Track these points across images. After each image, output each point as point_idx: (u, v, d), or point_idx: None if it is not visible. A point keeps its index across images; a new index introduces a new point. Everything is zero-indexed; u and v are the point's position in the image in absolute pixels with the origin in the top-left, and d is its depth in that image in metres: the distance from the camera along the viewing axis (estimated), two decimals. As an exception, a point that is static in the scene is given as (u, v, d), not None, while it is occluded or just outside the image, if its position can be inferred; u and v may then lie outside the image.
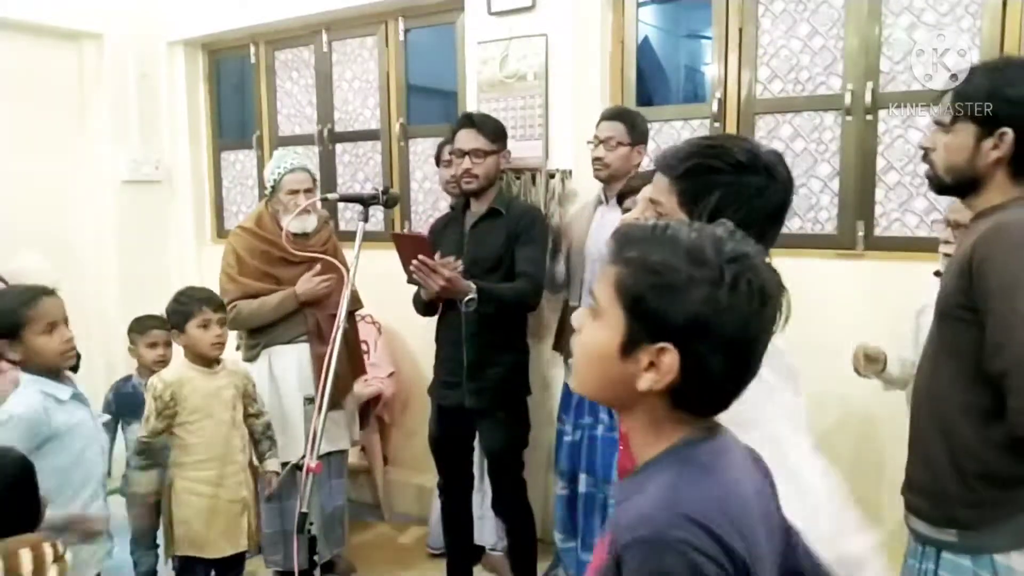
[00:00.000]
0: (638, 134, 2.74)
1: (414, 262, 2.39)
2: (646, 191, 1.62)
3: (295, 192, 2.82)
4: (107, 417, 2.76)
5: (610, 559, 0.81)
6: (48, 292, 2.07)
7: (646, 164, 2.96)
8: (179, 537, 2.44)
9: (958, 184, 1.43)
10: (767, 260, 0.88)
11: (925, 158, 1.48)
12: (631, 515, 0.81)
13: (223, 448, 2.48)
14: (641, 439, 0.90)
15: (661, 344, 0.82)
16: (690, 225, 0.88)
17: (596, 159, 2.74)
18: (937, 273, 2.26)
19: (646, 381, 0.84)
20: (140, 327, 2.85)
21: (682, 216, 1.20)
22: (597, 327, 0.88)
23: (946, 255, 2.18)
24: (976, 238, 1.35)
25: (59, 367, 2.08)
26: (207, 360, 2.50)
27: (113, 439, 2.82)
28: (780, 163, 1.23)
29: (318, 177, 3.02)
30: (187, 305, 2.49)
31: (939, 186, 1.46)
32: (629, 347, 0.85)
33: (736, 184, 1.18)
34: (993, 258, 1.30)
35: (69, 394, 2.07)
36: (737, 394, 0.87)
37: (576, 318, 0.93)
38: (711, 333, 0.81)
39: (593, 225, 2.82)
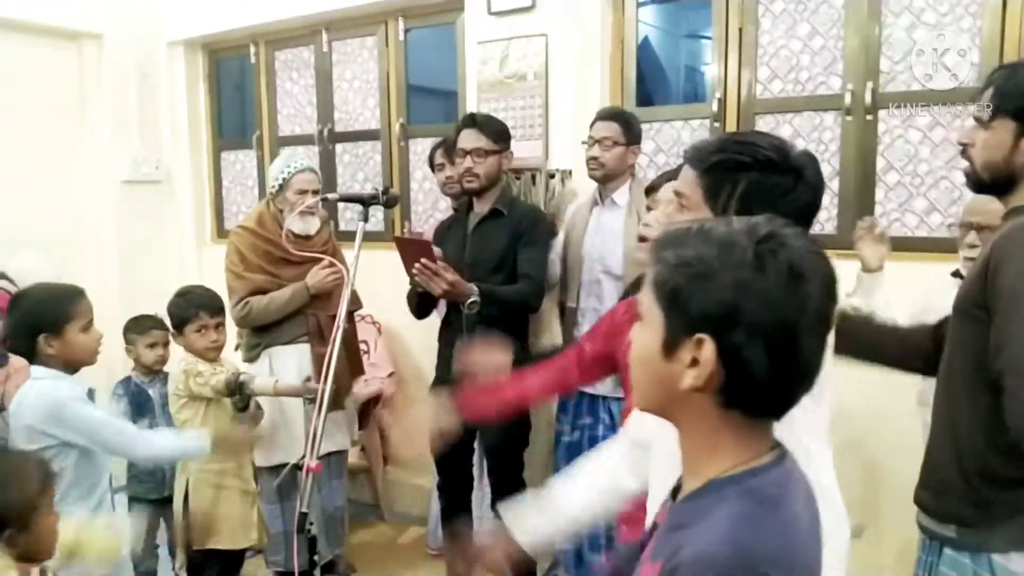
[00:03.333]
0: (633, 135, 2.74)
1: (417, 266, 2.40)
2: (665, 191, 1.62)
3: (304, 192, 2.82)
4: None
5: None
6: (84, 293, 2.10)
7: (644, 164, 2.96)
8: (199, 530, 2.45)
9: (995, 181, 1.41)
10: (809, 243, 0.82)
11: (964, 154, 1.47)
12: (693, 549, 0.77)
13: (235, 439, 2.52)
14: (695, 454, 0.86)
15: (698, 336, 0.80)
16: (727, 221, 0.85)
17: (591, 159, 2.74)
18: (955, 274, 2.23)
19: (688, 378, 0.81)
20: (139, 328, 2.84)
21: (706, 210, 1.20)
22: (642, 332, 0.87)
23: (967, 259, 2.12)
24: (997, 237, 1.34)
25: (89, 364, 2.11)
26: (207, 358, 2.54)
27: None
28: (811, 165, 1.21)
29: (321, 179, 3.03)
30: (186, 310, 2.53)
31: (977, 183, 1.44)
32: (670, 345, 0.82)
33: (762, 182, 1.17)
34: (1009, 258, 1.29)
35: (85, 391, 2.09)
36: (790, 394, 0.82)
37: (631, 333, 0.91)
38: (742, 318, 0.77)
39: (590, 226, 2.82)
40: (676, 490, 0.92)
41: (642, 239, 1.59)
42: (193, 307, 2.51)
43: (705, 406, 0.83)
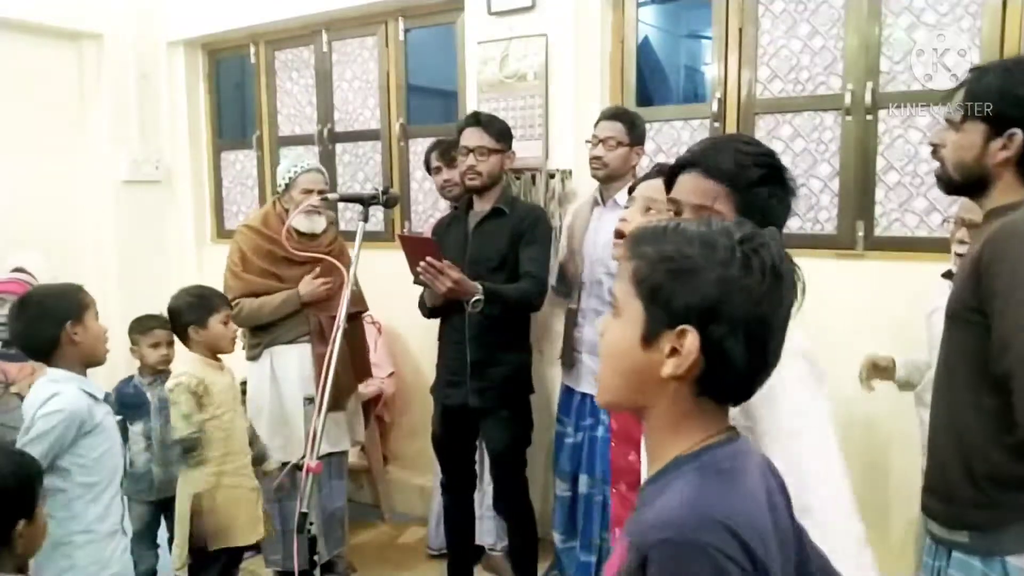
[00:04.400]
0: (637, 135, 2.75)
1: (421, 264, 2.39)
2: (643, 190, 1.61)
3: (309, 192, 2.83)
4: (119, 418, 2.75)
5: (634, 560, 0.81)
6: (83, 287, 2.15)
7: (644, 164, 2.96)
8: (210, 530, 2.46)
9: (966, 183, 1.42)
10: (780, 246, 0.88)
11: (935, 154, 1.48)
12: (657, 517, 0.81)
13: (240, 440, 2.54)
14: (660, 438, 0.90)
15: (681, 327, 0.84)
16: (699, 222, 0.90)
17: (595, 158, 2.75)
18: (946, 274, 2.24)
19: (669, 366, 0.85)
20: (142, 327, 2.85)
21: None
22: (618, 324, 0.90)
23: (959, 255, 2.15)
24: (985, 238, 1.34)
25: (100, 359, 2.14)
26: (216, 356, 2.54)
27: (125, 440, 2.81)
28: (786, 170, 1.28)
29: (328, 181, 3.03)
30: (210, 300, 2.53)
31: (948, 184, 1.46)
32: (650, 336, 0.86)
33: (782, 196, 1.23)
34: (1001, 259, 1.29)
35: (101, 394, 2.11)
36: (759, 381, 0.88)
37: (599, 323, 0.94)
38: (726, 313, 0.82)
39: (590, 227, 2.82)
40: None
41: (619, 235, 1.57)
42: (216, 297, 2.56)
43: (679, 393, 0.87)
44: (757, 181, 1.23)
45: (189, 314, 2.52)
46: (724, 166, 1.25)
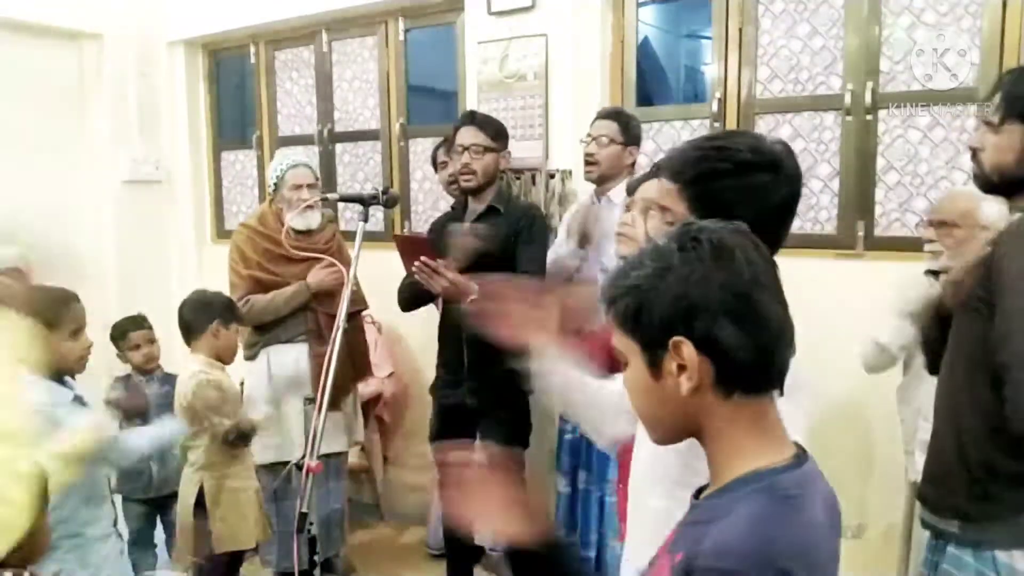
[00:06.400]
0: (631, 135, 2.75)
1: (417, 263, 2.39)
2: (644, 191, 1.61)
3: (298, 187, 2.84)
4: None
5: (679, 573, 0.81)
6: (77, 298, 2.08)
7: (644, 164, 2.96)
8: (219, 534, 2.45)
9: (1004, 183, 1.44)
10: (727, 225, 0.90)
11: (974, 157, 1.50)
12: (717, 542, 0.80)
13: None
14: (721, 455, 0.89)
15: (672, 340, 0.85)
16: (653, 241, 0.93)
17: (587, 155, 2.75)
18: (928, 272, 2.26)
19: (685, 384, 0.85)
20: (119, 333, 2.85)
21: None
22: (629, 371, 0.92)
23: (932, 253, 2.21)
24: (999, 233, 1.37)
25: (73, 372, 2.08)
26: (224, 361, 2.54)
27: None
28: (787, 156, 1.21)
29: (319, 175, 3.03)
30: (234, 309, 2.56)
31: (986, 185, 1.47)
32: (655, 366, 0.88)
33: (744, 185, 1.17)
34: (1010, 253, 1.32)
35: (70, 397, 2.06)
36: (775, 356, 0.86)
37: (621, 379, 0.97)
38: (699, 306, 0.84)
39: None
40: (700, 490, 0.94)
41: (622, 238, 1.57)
42: (223, 307, 2.54)
43: (712, 404, 0.87)
44: (708, 176, 1.18)
45: (221, 313, 2.53)
46: (674, 165, 1.23)
